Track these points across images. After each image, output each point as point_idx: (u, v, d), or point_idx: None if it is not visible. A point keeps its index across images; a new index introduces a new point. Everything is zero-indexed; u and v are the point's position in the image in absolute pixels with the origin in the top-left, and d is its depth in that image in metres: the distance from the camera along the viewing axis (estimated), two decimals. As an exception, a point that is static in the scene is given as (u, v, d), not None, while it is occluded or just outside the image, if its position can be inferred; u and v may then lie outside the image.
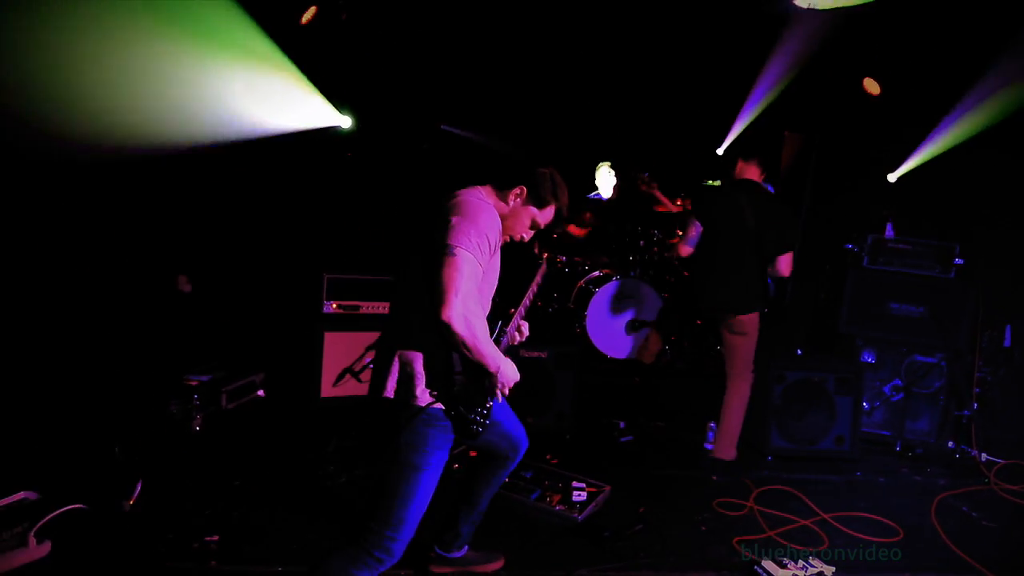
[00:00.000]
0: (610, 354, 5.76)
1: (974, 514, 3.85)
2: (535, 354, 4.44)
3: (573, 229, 6.45)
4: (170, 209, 4.98)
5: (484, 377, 2.27)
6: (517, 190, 2.40)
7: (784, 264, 3.94)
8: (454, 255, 2.12)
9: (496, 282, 2.44)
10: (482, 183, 2.43)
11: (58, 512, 2.96)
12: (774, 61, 5.84)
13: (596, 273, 6.04)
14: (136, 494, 3.27)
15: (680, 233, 4.32)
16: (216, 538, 3.00)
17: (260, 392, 4.82)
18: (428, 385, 2.20)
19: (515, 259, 2.88)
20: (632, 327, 5.76)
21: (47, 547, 2.84)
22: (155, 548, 2.92)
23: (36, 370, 3.97)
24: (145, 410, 4.07)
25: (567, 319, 5.98)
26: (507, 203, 2.41)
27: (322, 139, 5.68)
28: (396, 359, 2.24)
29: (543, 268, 2.78)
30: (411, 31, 5.97)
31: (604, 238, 6.43)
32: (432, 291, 2.12)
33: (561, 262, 6.31)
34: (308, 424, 4.39)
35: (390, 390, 2.23)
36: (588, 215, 6.62)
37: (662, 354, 5.74)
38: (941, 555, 3.35)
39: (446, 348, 2.19)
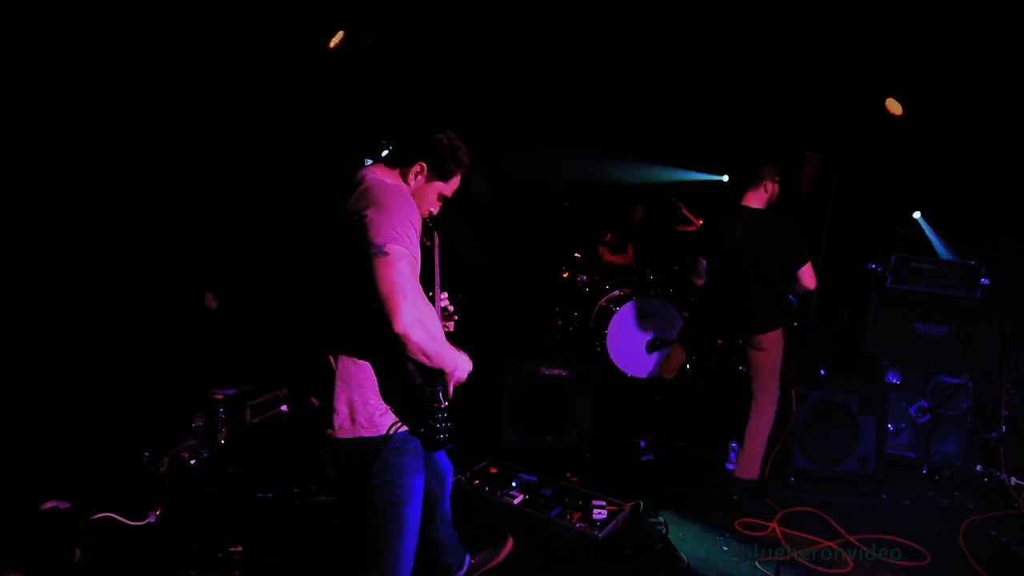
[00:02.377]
0: (631, 373, 5.75)
1: (1003, 539, 3.77)
2: (555, 372, 4.45)
3: (611, 256, 6.50)
4: (196, 227, 5.10)
5: (437, 379, 1.99)
6: (416, 167, 2.08)
7: (806, 278, 3.92)
8: (387, 254, 1.81)
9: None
10: (378, 162, 2.14)
11: (88, 520, 3.02)
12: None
13: (617, 292, 6.05)
14: (162, 505, 3.34)
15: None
16: (240, 548, 3.05)
17: (284, 407, 4.88)
18: (390, 404, 1.94)
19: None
20: (653, 346, 5.76)
21: (76, 554, 2.90)
22: (180, 557, 2.96)
23: (68, 383, 4.06)
24: (172, 423, 4.14)
25: (588, 338, 5.99)
26: (408, 183, 2.09)
27: (346, 155, 5.79)
28: (339, 386, 1.96)
29: (436, 237, 2.38)
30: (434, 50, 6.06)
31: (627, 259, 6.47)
32: (374, 302, 1.81)
33: (582, 281, 6.35)
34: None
35: (342, 426, 1.96)
36: (609, 235, 6.67)
37: (683, 371, 5.72)
38: (969, 580, 3.29)
39: (400, 361, 1.92)
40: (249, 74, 5.15)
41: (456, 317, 2.43)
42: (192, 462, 3.94)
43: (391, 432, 1.94)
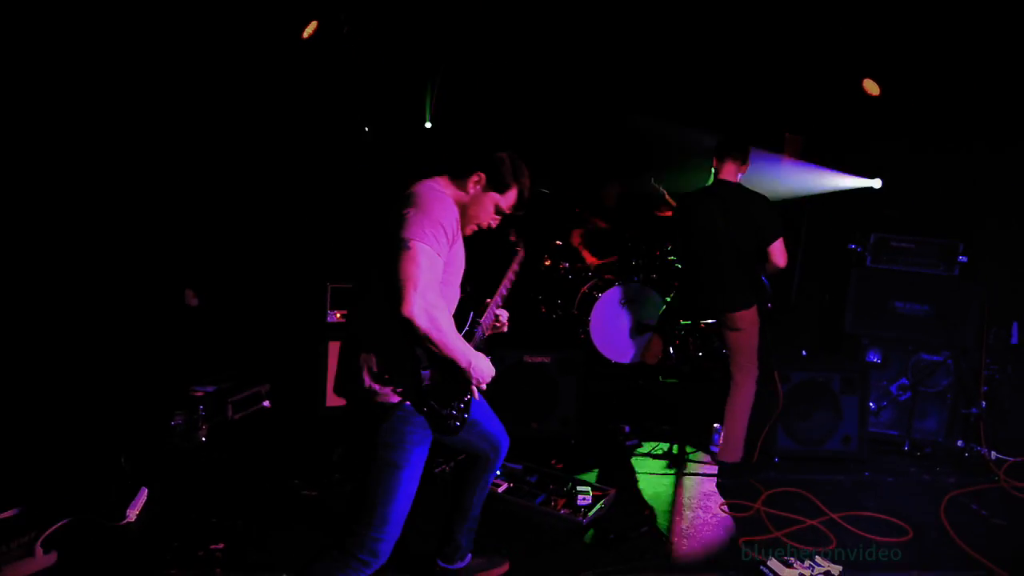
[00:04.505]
0: (614, 359, 5.75)
1: (984, 512, 3.82)
2: (538, 359, 4.44)
3: (589, 257, 6.46)
4: (175, 224, 5.04)
5: (457, 372, 2.22)
6: (475, 177, 2.33)
7: (776, 255, 3.94)
8: (409, 248, 2.05)
9: (461, 272, 2.38)
10: (439, 174, 2.37)
11: (65, 522, 2.98)
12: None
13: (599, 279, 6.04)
14: (142, 504, 3.30)
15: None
16: (222, 546, 3.02)
17: (266, 403, 4.85)
18: (394, 382, 2.15)
19: (492, 248, 2.80)
20: (636, 331, 5.76)
21: (54, 556, 2.86)
22: (161, 557, 2.93)
23: (44, 382, 4.00)
24: (151, 422, 4.09)
25: (571, 325, 5.98)
26: (467, 191, 2.34)
27: (323, 149, 5.73)
28: (363, 356, 2.19)
29: (519, 255, 2.73)
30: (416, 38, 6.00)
31: (608, 244, 6.44)
32: (391, 287, 2.05)
33: (564, 268, 6.32)
34: (313, 433, 4.40)
35: (361, 389, 2.19)
36: (594, 222, 6.64)
37: (666, 356, 5.72)
38: (951, 553, 3.32)
39: (410, 344, 2.13)
40: (226, 68, 5.07)
41: (504, 329, 2.68)
42: (173, 460, 3.90)
43: (398, 402, 2.16)
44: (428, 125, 6.38)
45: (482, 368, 2.27)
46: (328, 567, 2.20)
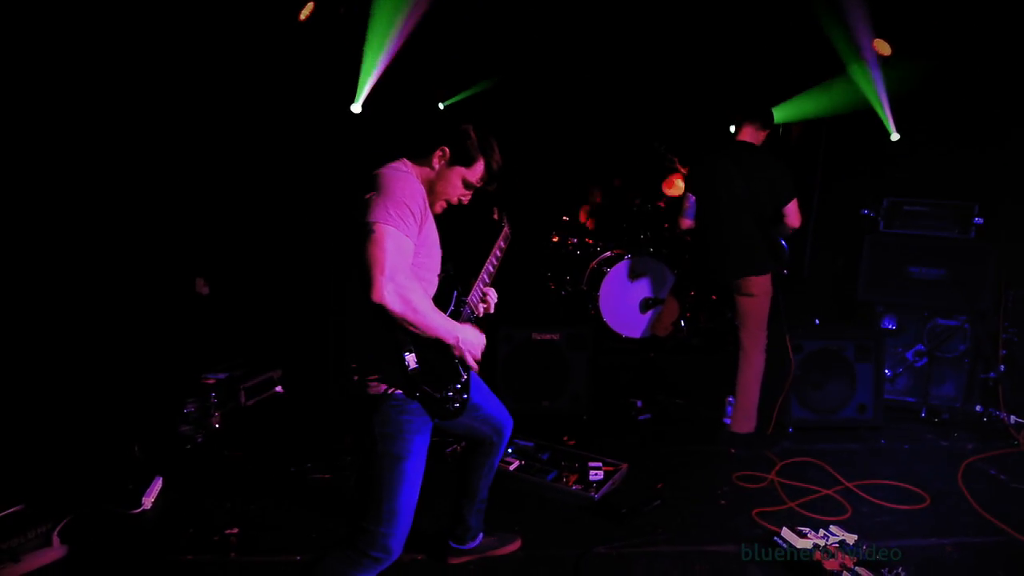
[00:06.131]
0: (624, 333, 5.72)
1: (1003, 477, 3.77)
2: (548, 336, 4.42)
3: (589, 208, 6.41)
4: (185, 213, 5.04)
5: (447, 351, 2.18)
6: (439, 152, 2.26)
7: (791, 216, 3.89)
8: (375, 232, 2.01)
9: (437, 251, 2.32)
10: (402, 155, 2.32)
11: (81, 512, 3.01)
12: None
13: (608, 253, 5.99)
14: (157, 492, 3.33)
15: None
16: (236, 531, 3.04)
17: (278, 388, 4.87)
18: (379, 371, 2.10)
19: (477, 226, 2.76)
20: (646, 305, 5.71)
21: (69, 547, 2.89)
22: (176, 543, 2.96)
23: (56, 374, 4.04)
24: (164, 410, 4.12)
25: (580, 301, 5.94)
26: (432, 167, 2.27)
27: (329, 129, 5.69)
28: (345, 351, 2.16)
29: (505, 231, 2.68)
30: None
31: (615, 218, 6.38)
32: (361, 274, 2.02)
33: (572, 244, 6.28)
34: (325, 417, 4.42)
35: (348, 383, 2.16)
36: (599, 195, 6.58)
37: (677, 328, 5.67)
38: (969, 520, 3.28)
39: (390, 330, 2.08)
40: (229, 57, 5.03)
41: (491, 309, 2.58)
42: (187, 447, 3.93)
43: (388, 391, 2.11)
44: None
45: (471, 340, 2.21)
46: (341, 565, 2.16)
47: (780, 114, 5.99)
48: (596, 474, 3.50)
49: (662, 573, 2.81)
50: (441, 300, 2.29)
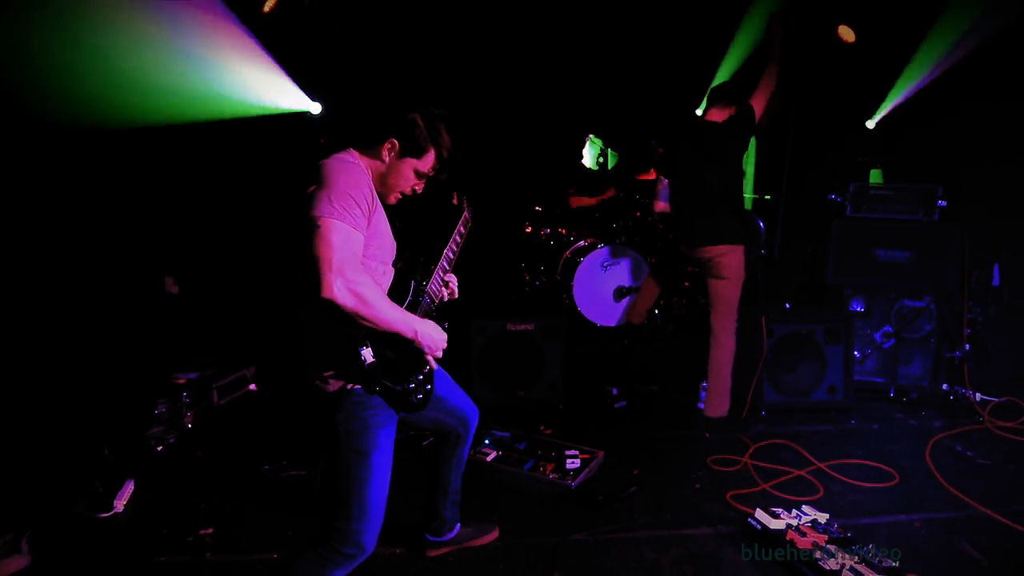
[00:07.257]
0: (599, 323, 5.75)
1: (969, 453, 3.86)
2: (522, 327, 4.42)
3: (580, 200, 6.41)
4: (153, 212, 4.95)
5: (408, 343, 2.14)
6: (388, 144, 2.18)
7: (758, 102, 3.91)
8: (319, 227, 1.95)
9: (390, 242, 2.25)
10: (349, 144, 2.23)
11: (51, 517, 2.96)
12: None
13: (581, 243, 6.00)
14: (128, 494, 3.28)
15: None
16: (211, 531, 3.01)
17: (252, 386, 4.81)
18: (334, 367, 2.06)
19: (437, 211, 2.72)
20: (620, 294, 5.74)
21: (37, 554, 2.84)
22: (150, 545, 2.92)
23: (24, 374, 3.95)
24: (134, 412, 4.05)
25: (554, 291, 5.95)
26: (383, 160, 2.19)
27: (293, 128, 5.62)
28: (301, 350, 2.13)
29: (465, 215, 2.63)
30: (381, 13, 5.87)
31: (584, 209, 6.39)
32: (309, 271, 1.96)
33: (545, 234, 6.28)
34: (299, 414, 4.38)
35: (307, 384, 2.12)
36: (570, 190, 6.59)
37: (652, 316, 5.72)
38: (936, 495, 3.36)
39: (344, 325, 2.03)
40: (193, 51, 4.93)
41: (455, 295, 2.53)
42: (159, 449, 3.87)
43: (347, 387, 2.08)
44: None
45: (431, 335, 2.18)
46: (315, 564, 2.15)
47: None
48: (573, 462, 3.51)
49: (638, 558, 2.84)
50: (398, 290, 2.26)
